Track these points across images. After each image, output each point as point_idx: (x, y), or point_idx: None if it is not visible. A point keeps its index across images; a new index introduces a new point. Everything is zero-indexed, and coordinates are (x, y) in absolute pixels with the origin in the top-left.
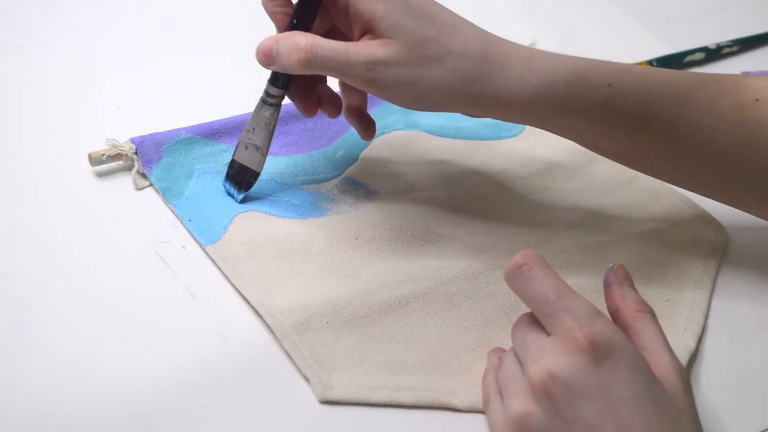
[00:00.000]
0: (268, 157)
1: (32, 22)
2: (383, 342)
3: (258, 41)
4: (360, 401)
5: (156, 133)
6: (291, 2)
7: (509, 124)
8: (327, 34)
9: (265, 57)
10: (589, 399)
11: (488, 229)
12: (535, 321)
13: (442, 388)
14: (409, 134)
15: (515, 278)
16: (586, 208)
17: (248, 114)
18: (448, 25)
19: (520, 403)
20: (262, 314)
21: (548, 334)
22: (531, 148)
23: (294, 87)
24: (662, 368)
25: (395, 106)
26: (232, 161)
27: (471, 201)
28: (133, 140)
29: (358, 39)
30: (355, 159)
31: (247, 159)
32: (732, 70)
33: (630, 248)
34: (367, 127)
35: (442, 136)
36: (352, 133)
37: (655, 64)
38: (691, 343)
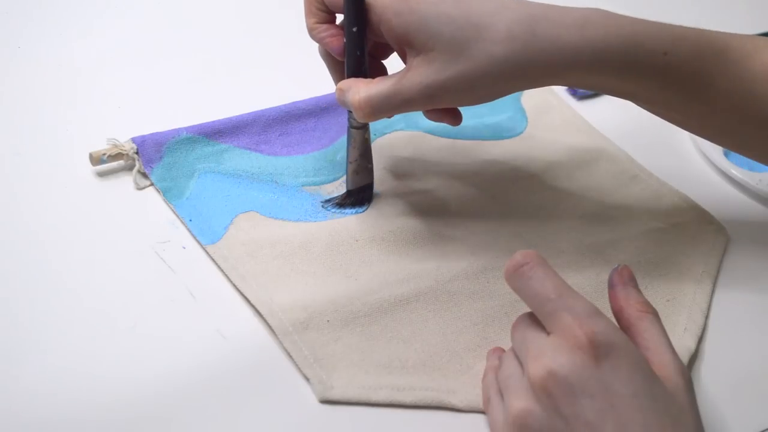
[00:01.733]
0: (268, 158)
1: (32, 21)
2: (383, 341)
3: (260, 41)
4: (360, 401)
5: (157, 133)
6: (335, 22)
7: (511, 124)
8: (376, 48)
9: (342, 105)
10: (589, 397)
11: (489, 229)
12: (534, 320)
13: (442, 387)
14: (409, 135)
15: (516, 277)
16: (587, 208)
17: (250, 113)
18: (485, 14)
19: (521, 401)
20: (262, 313)
21: (548, 333)
22: (532, 148)
23: None
24: (664, 368)
25: None
26: (349, 192)
27: (472, 201)
28: (134, 140)
29: (402, 55)
30: None
31: (361, 180)
32: None
33: (631, 248)
34: (454, 117)
35: (442, 136)
36: None
37: None
38: (692, 344)
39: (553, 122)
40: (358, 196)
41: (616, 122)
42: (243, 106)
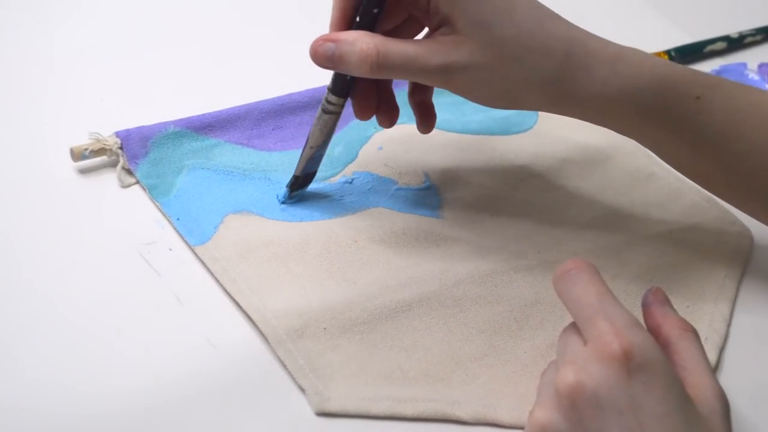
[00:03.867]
0: (261, 153)
1: (7, 9)
2: (384, 350)
3: (253, 28)
4: (359, 413)
5: (142, 127)
6: None
7: (519, 118)
8: (402, 25)
9: (325, 60)
10: (617, 413)
11: (496, 230)
12: (578, 328)
13: (446, 399)
14: (412, 129)
15: (561, 281)
16: (602, 208)
17: (241, 106)
18: (530, 20)
19: (543, 411)
20: (254, 320)
21: (585, 342)
22: (543, 144)
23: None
24: (701, 390)
25: (398, 99)
26: (296, 177)
27: (478, 200)
28: (117, 134)
29: (434, 31)
30: (355, 156)
31: (311, 167)
32: (755, 60)
33: (648, 250)
34: (427, 122)
35: (447, 130)
36: (352, 127)
37: (673, 54)
38: (713, 355)
39: (565, 117)
40: (303, 182)
41: None
42: (234, 98)
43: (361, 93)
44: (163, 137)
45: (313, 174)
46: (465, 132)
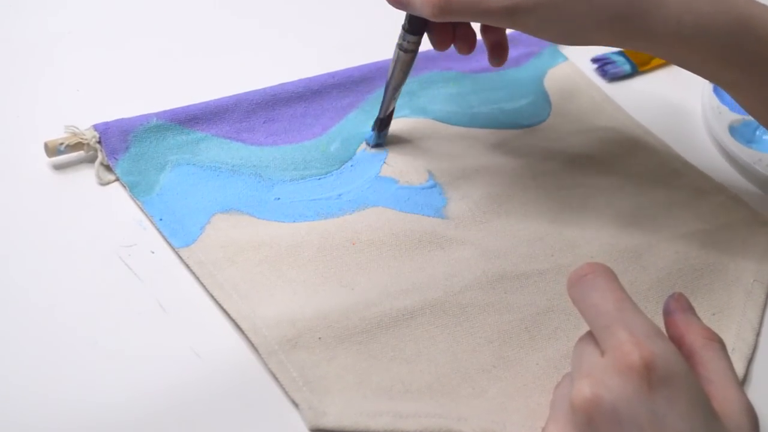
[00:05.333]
0: (251, 148)
1: None
2: (384, 361)
3: (243, 14)
4: (357, 429)
5: (122, 119)
6: None
7: (531, 110)
8: None
9: (396, 3)
10: (637, 429)
11: (506, 231)
12: (595, 338)
13: (451, 414)
14: (415, 122)
15: (576, 287)
16: (621, 208)
17: (230, 97)
18: None
19: (557, 428)
20: (243, 329)
21: (602, 353)
22: (557, 139)
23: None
24: (728, 405)
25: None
26: (386, 118)
27: (486, 200)
28: (95, 127)
29: None
30: (353, 153)
31: (389, 109)
32: None
33: (671, 253)
34: (499, 56)
35: (453, 124)
36: (350, 120)
37: None
38: (740, 367)
39: (581, 108)
40: (386, 123)
41: (655, 107)
42: (222, 88)
43: (437, 27)
44: (145, 131)
45: (393, 111)
46: (472, 126)
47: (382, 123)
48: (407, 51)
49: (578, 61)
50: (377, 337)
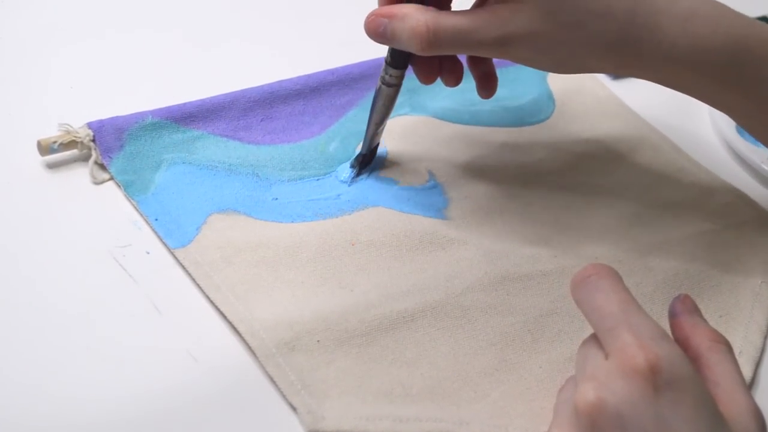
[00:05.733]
0: (248, 147)
1: None
2: (384, 365)
3: (237, 11)
4: None
5: (117, 117)
6: None
7: (534, 108)
8: None
9: (377, 36)
10: None
11: (508, 231)
12: (599, 341)
13: (453, 418)
14: (415, 121)
15: (579, 288)
16: (625, 207)
17: (227, 94)
18: None
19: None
20: (240, 331)
21: (606, 355)
22: (560, 137)
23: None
24: (734, 407)
25: (401, 87)
26: (364, 156)
27: (488, 199)
28: (89, 125)
29: None
30: (352, 153)
31: (374, 142)
32: None
33: (677, 254)
34: (488, 87)
35: (454, 122)
36: (349, 118)
37: None
38: (748, 370)
39: (585, 105)
40: (369, 159)
41: (660, 104)
42: (219, 85)
43: (422, 59)
44: (140, 129)
45: (377, 146)
46: (473, 124)
47: (365, 159)
48: (390, 85)
49: None
50: (377, 340)
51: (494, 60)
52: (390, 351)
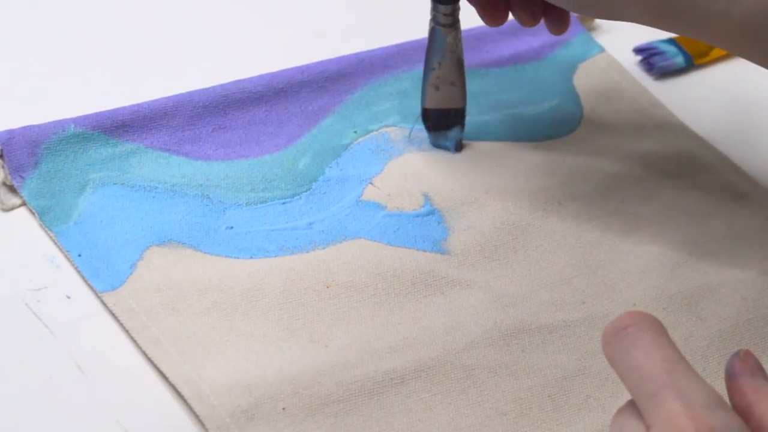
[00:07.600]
0: (196, 163)
1: None
2: None
3: None
4: None
5: (31, 126)
6: None
7: (557, 118)
8: None
9: None
10: None
11: (523, 272)
12: (638, 409)
13: None
14: (405, 133)
15: (614, 343)
16: (671, 242)
17: (169, 98)
18: None
19: None
20: (185, 396)
21: (647, 427)
22: (588, 154)
23: None
24: None
25: (389, 89)
26: (425, 111)
27: (497, 231)
28: None
29: None
30: (323, 172)
31: (443, 101)
32: None
33: (736, 300)
34: (561, 24)
35: None
36: (324, 129)
37: None
38: None
39: (621, 113)
40: (439, 121)
41: (716, 112)
42: (160, 86)
43: None
44: (60, 141)
45: (460, 111)
46: (481, 138)
47: (428, 116)
48: (444, 25)
49: (618, 52)
50: (358, 408)
51: (504, 58)
52: (374, 422)
